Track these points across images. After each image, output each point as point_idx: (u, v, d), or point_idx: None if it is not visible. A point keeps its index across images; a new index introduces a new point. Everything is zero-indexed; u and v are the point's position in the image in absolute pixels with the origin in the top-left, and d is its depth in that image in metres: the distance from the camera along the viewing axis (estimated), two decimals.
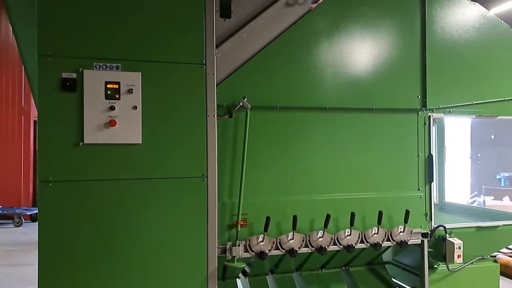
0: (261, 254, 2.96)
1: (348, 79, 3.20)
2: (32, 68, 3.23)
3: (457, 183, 11.84)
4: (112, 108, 2.62)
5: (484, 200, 8.64)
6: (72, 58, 2.58)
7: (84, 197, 2.60)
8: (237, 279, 3.43)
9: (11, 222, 10.28)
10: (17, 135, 11.51)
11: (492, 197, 8.79)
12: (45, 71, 2.55)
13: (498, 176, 9.64)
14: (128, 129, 2.67)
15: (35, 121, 12.15)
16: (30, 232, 9.56)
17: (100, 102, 2.62)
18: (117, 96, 2.64)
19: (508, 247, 6.90)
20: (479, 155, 10.79)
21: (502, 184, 9.47)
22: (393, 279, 3.78)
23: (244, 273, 3.47)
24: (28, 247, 8.08)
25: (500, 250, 6.61)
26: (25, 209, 10.69)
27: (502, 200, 8.50)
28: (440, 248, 3.47)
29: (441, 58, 3.41)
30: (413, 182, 3.39)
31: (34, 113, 12.05)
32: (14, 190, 11.30)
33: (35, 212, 10.67)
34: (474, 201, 8.97)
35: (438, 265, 3.50)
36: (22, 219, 10.26)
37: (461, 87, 3.47)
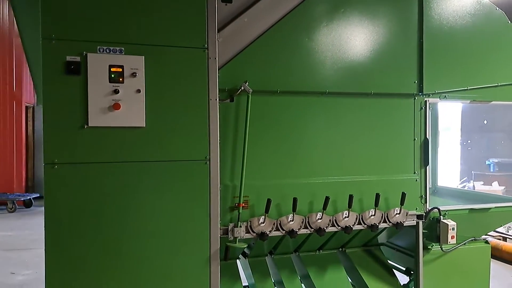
0: (262, 235, 3.03)
1: (347, 64, 3.26)
2: (33, 52, 3.25)
3: (447, 169, 12.03)
4: (116, 91, 2.65)
5: (473, 185, 8.80)
6: (76, 42, 2.60)
7: (89, 179, 2.64)
8: (237, 260, 3.50)
9: (5, 208, 10.27)
10: (8, 121, 11.43)
11: (482, 182, 8.95)
12: (49, 55, 2.56)
13: (487, 162, 9.81)
14: (132, 112, 2.71)
15: (27, 107, 12.07)
16: (24, 217, 9.58)
17: (104, 86, 2.65)
18: (120, 79, 2.67)
19: (497, 230, 7.09)
20: (469, 141, 10.95)
21: (492, 170, 9.63)
22: (388, 261, 3.88)
23: (244, 254, 3.54)
24: (24, 232, 8.11)
25: (490, 233, 6.79)
26: (18, 195, 10.69)
27: (491, 185, 8.67)
28: (434, 229, 3.58)
29: (438, 44, 3.48)
30: (409, 166, 3.48)
31: (26, 99, 11.96)
32: (7, 176, 11.27)
33: (28, 197, 10.68)
34: (464, 186, 9.14)
35: (432, 246, 3.61)
36: (16, 204, 10.26)
37: (457, 73, 3.54)
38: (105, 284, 2.68)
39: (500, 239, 6.64)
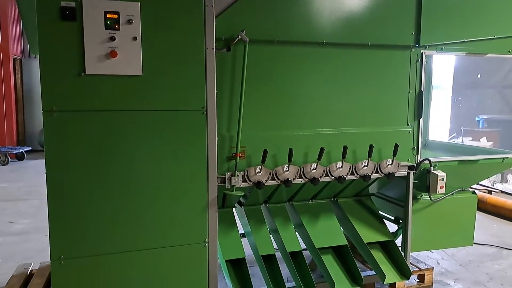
0: (259, 184, 3.10)
1: (345, 14, 3.23)
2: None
3: (437, 125, 12.16)
4: (112, 38, 2.63)
5: (462, 141, 8.94)
6: None
7: (87, 127, 2.66)
8: (233, 208, 3.60)
9: None
10: None
11: (470, 138, 9.09)
12: (44, 0, 2.51)
13: (477, 118, 9.92)
14: (129, 60, 2.69)
15: (14, 59, 11.83)
16: (17, 169, 9.61)
17: (100, 32, 2.62)
18: (116, 26, 2.64)
19: (483, 184, 7.30)
20: (460, 98, 11.02)
21: (481, 126, 9.76)
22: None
23: (240, 203, 3.64)
24: (18, 184, 8.17)
25: (476, 187, 6.99)
26: (10, 148, 10.66)
27: (479, 141, 8.82)
28: (424, 180, 3.68)
29: None
30: (402, 118, 3.53)
31: (13, 50, 11.70)
32: None
33: (20, 151, 10.66)
34: (453, 142, 9.28)
35: (421, 196, 3.73)
36: (8, 157, 10.25)
37: (454, 25, 3.54)
38: (106, 231, 2.76)
39: (485, 192, 6.85)
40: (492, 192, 7.05)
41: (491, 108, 9.79)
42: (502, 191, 7.18)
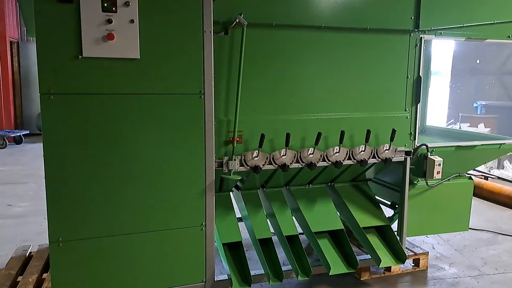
0: (256, 168, 3.11)
1: None
2: None
3: (435, 111, 12.16)
4: (109, 21, 2.61)
5: (460, 127, 8.95)
6: None
7: (85, 110, 2.66)
8: (231, 192, 3.62)
9: None
10: None
11: (468, 124, 9.10)
12: None
13: (475, 104, 9.91)
14: (126, 43, 2.68)
15: (11, 41, 11.73)
16: (16, 153, 9.61)
17: (97, 15, 2.60)
18: (113, 8, 2.62)
19: (479, 170, 7.33)
20: (459, 84, 11.00)
21: (479, 112, 9.76)
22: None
23: (237, 187, 3.65)
24: (16, 167, 8.17)
25: (472, 173, 7.02)
26: (8, 131, 10.64)
27: (477, 127, 8.83)
28: (421, 165, 3.70)
29: None
30: (400, 103, 3.53)
31: (9, 33, 11.60)
32: None
33: (18, 134, 10.64)
34: (451, 128, 9.30)
35: (417, 181, 3.75)
36: (6, 141, 10.24)
37: (453, 9, 3.51)
38: (104, 214, 2.78)
39: (482, 178, 6.89)
40: (489, 178, 7.09)
41: (489, 94, 9.78)
42: (498, 177, 7.22)
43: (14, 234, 4.73)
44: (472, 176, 4.03)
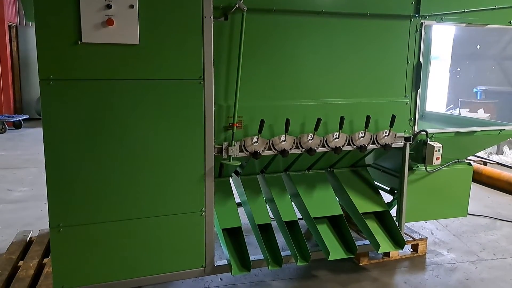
0: (255, 154, 3.12)
1: None
2: None
3: (435, 96, 12.13)
4: (108, 6, 2.60)
5: (459, 112, 8.94)
6: None
7: (85, 96, 2.65)
8: (230, 178, 3.63)
9: None
10: None
11: (468, 110, 9.09)
12: None
13: (475, 90, 9.88)
14: (126, 29, 2.67)
15: (9, 26, 11.64)
16: (15, 138, 9.61)
17: (96, 0, 2.58)
18: None
19: (478, 155, 7.35)
20: (458, 69, 10.95)
21: (478, 97, 9.73)
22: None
23: (236, 173, 3.66)
24: (16, 152, 8.18)
25: (471, 159, 7.04)
26: (8, 116, 10.63)
27: (476, 112, 8.82)
28: (420, 151, 3.71)
29: None
30: (400, 89, 3.52)
31: (8, 17, 11.50)
32: None
33: (18, 119, 10.63)
34: (450, 113, 9.28)
35: (417, 167, 3.76)
36: (6, 125, 10.24)
37: None
38: (104, 199, 2.79)
39: (481, 164, 6.91)
40: (488, 164, 7.11)
41: (489, 79, 9.74)
42: (497, 163, 7.24)
43: (14, 219, 4.76)
44: (471, 162, 4.04)
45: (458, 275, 3.67)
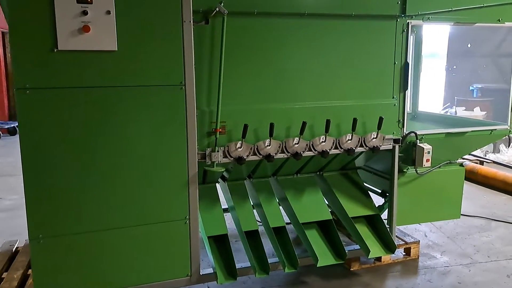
0: (239, 159, 3.06)
1: None
2: None
3: (432, 94, 12.03)
4: (84, 12, 2.54)
5: (456, 111, 8.85)
6: None
7: (63, 105, 2.60)
8: (217, 184, 3.57)
9: None
10: None
11: (464, 108, 9.00)
12: None
13: (471, 88, 9.78)
14: (103, 35, 2.61)
15: (3, 32, 11.61)
16: (9, 144, 9.55)
17: (71, 6, 2.53)
18: (89, 0, 2.55)
19: (474, 154, 7.28)
20: (455, 67, 10.85)
21: (474, 95, 9.63)
22: (365, 183, 3.99)
23: (223, 178, 3.61)
24: (9, 158, 8.13)
25: (467, 157, 6.98)
26: (2, 123, 10.60)
27: (473, 110, 8.73)
28: (410, 153, 3.64)
29: None
30: (388, 90, 3.46)
31: (2, 24, 11.47)
32: None
33: (12, 125, 10.59)
34: (447, 112, 9.18)
35: (407, 169, 3.70)
36: (0, 132, 10.19)
37: None
38: (85, 209, 2.73)
39: (477, 163, 6.84)
40: (484, 163, 7.04)
41: (485, 77, 9.65)
42: (494, 162, 7.17)
43: (3, 228, 4.70)
44: (467, 161, 3.98)
45: (450, 279, 3.61)
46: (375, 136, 3.40)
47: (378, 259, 3.81)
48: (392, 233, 3.65)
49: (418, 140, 3.56)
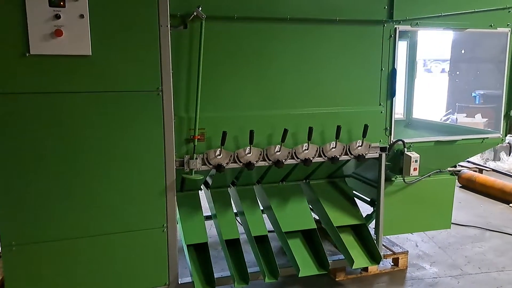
0: (219, 167, 2.99)
1: None
2: None
3: (436, 101, 11.91)
4: (57, 16, 2.50)
5: (456, 118, 8.72)
6: None
7: (35, 110, 2.55)
8: (199, 191, 3.51)
9: None
10: None
11: (465, 115, 8.86)
12: None
13: (473, 94, 9.65)
14: (76, 39, 2.57)
15: None
16: None
17: (44, 10, 2.49)
18: (61, 3, 2.51)
19: (474, 162, 7.16)
20: (458, 72, 10.71)
21: (477, 102, 9.49)
22: (354, 192, 3.90)
23: (206, 185, 3.54)
24: None
25: (466, 165, 6.85)
26: None
27: (474, 117, 8.60)
28: (398, 161, 3.54)
29: None
30: (374, 97, 3.37)
31: None
32: None
33: None
34: (448, 118, 9.05)
35: (395, 178, 3.61)
36: None
37: None
38: (59, 216, 2.69)
39: (476, 171, 6.71)
40: (483, 171, 6.91)
41: (488, 83, 9.50)
42: (493, 170, 7.03)
43: None
44: (465, 169, 3.88)
45: None
46: (360, 144, 3.32)
47: (365, 269, 3.72)
48: (378, 243, 3.56)
49: (405, 149, 3.47)
